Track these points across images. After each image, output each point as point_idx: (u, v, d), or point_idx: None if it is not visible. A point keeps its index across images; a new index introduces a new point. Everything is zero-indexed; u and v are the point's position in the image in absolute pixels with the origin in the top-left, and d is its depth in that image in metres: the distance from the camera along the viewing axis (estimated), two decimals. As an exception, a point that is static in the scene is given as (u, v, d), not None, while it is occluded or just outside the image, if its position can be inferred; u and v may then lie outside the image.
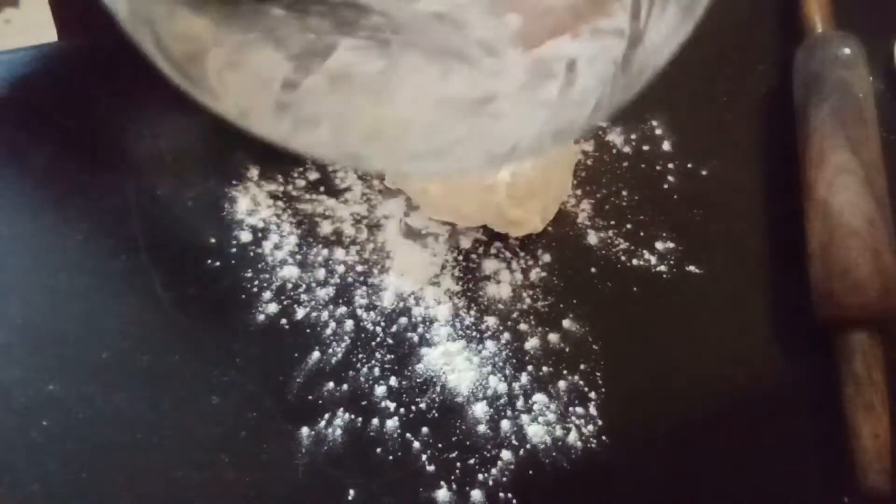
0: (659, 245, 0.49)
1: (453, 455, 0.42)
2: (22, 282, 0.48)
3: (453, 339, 0.46)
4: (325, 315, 0.46)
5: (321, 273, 0.48)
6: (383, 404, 0.43)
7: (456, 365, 0.45)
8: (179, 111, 0.55)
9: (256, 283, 0.48)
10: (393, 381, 0.44)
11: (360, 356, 0.45)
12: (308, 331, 0.46)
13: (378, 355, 0.45)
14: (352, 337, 0.46)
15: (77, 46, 0.62)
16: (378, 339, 0.46)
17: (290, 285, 0.48)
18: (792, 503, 0.42)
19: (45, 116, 0.55)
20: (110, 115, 0.55)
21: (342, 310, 0.47)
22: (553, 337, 0.46)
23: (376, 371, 0.45)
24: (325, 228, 0.50)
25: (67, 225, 0.50)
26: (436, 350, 0.45)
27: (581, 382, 0.44)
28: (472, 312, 0.47)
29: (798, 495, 0.42)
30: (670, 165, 0.52)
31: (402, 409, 0.43)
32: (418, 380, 0.44)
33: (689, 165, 0.52)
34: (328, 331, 0.46)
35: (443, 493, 0.41)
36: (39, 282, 0.48)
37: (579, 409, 0.43)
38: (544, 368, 0.45)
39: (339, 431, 0.43)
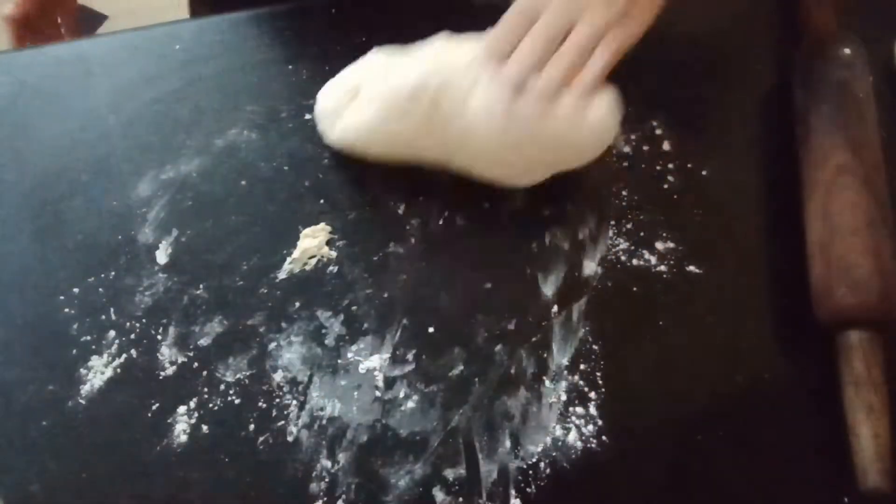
0: (659, 245, 0.49)
1: (452, 456, 0.42)
2: (22, 282, 0.48)
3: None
4: (325, 316, 0.47)
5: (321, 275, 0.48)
6: (381, 405, 0.43)
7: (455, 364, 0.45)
8: (177, 112, 0.56)
9: (257, 283, 0.48)
10: (391, 380, 0.44)
11: (362, 353, 0.45)
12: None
13: (378, 354, 0.45)
14: (353, 337, 0.46)
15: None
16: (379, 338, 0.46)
17: (289, 285, 0.48)
18: (792, 503, 0.42)
19: (45, 117, 0.55)
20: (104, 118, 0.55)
21: (342, 309, 0.47)
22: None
23: (376, 371, 0.45)
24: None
25: (67, 225, 0.50)
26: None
27: (581, 382, 0.44)
28: (472, 312, 0.47)
29: (798, 495, 0.42)
30: (670, 165, 0.52)
31: (400, 410, 0.43)
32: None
33: (689, 165, 0.52)
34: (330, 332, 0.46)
35: (442, 494, 0.41)
36: (39, 282, 0.48)
37: (579, 409, 0.43)
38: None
39: (339, 433, 0.42)
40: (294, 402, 0.44)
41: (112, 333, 0.46)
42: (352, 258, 0.49)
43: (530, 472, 0.41)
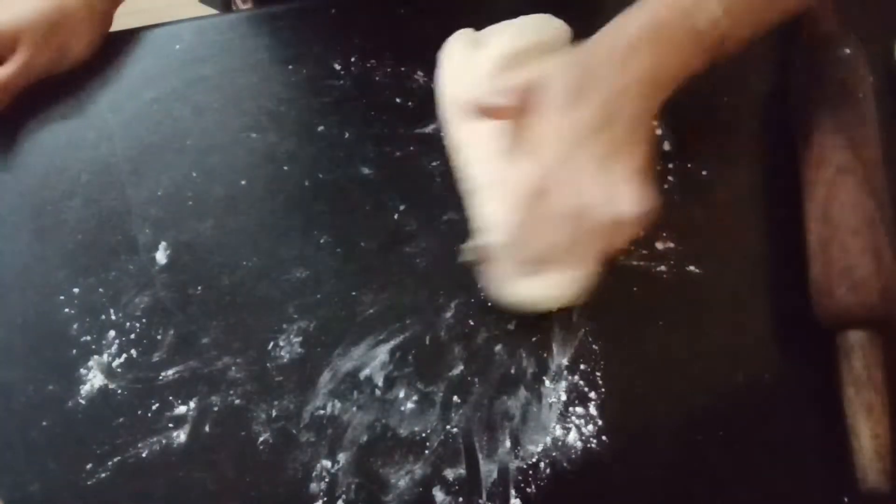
0: (659, 245, 0.49)
1: (452, 456, 0.42)
2: (22, 282, 0.48)
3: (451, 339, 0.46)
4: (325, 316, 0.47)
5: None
6: (381, 405, 0.43)
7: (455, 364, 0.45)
8: (178, 112, 0.56)
9: (257, 283, 0.48)
10: (391, 380, 0.44)
11: (362, 353, 0.45)
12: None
13: (375, 353, 0.45)
14: (353, 337, 0.46)
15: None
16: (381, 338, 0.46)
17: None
18: (792, 503, 0.42)
19: (45, 117, 0.55)
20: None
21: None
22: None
23: (376, 371, 0.45)
24: (325, 228, 0.50)
25: (67, 225, 0.50)
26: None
27: (581, 382, 0.44)
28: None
29: (798, 495, 0.42)
30: (670, 165, 0.52)
31: (400, 410, 0.43)
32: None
33: (689, 165, 0.52)
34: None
35: (442, 494, 0.41)
36: (39, 282, 0.48)
37: (579, 409, 0.43)
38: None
39: (339, 433, 0.43)
40: (294, 402, 0.44)
41: (112, 333, 0.46)
42: (349, 257, 0.49)
43: (530, 472, 0.41)
